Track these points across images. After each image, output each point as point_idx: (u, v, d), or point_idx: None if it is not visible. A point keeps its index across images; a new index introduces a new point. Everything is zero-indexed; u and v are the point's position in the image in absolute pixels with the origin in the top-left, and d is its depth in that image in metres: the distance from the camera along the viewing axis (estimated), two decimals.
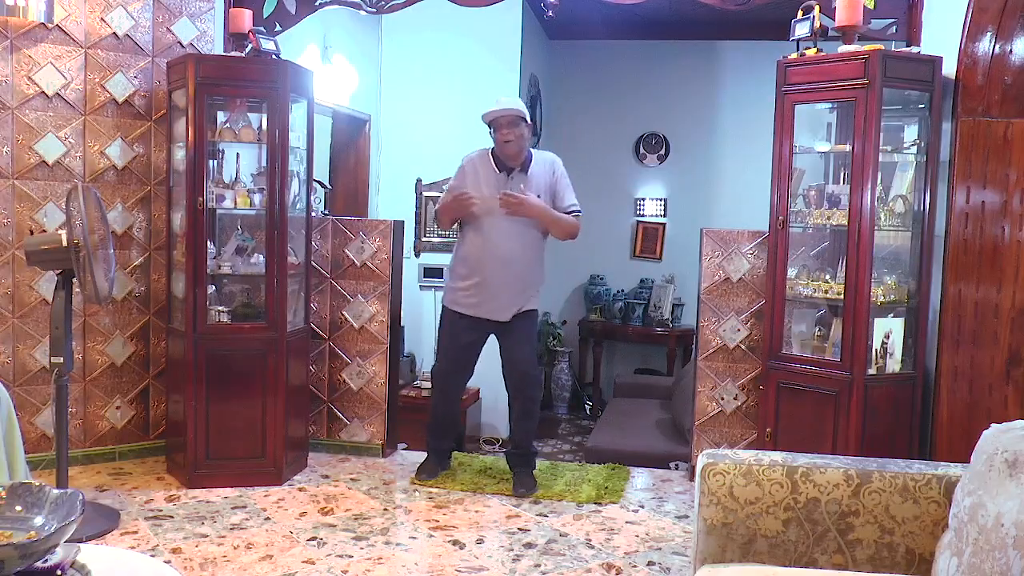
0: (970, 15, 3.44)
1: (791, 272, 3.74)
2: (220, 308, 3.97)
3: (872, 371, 3.49)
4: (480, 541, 3.38)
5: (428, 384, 5.61)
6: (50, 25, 3.87)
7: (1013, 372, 3.49)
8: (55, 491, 1.73)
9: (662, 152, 7.42)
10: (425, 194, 6.08)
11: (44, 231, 3.77)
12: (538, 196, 3.84)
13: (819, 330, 3.78)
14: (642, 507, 3.84)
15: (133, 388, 4.27)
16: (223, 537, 3.32)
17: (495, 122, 3.86)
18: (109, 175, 4.11)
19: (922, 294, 3.57)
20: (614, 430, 5.10)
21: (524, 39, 6.13)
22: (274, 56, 3.96)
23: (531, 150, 3.96)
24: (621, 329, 7.22)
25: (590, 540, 3.42)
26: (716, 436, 4.19)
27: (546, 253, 3.88)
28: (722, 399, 4.17)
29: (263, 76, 3.87)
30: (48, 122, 3.93)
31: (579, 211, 3.96)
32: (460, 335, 3.99)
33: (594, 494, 3.94)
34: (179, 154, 3.98)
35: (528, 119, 3.88)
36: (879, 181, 3.48)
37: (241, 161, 4.12)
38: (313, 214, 4.27)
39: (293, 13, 4.35)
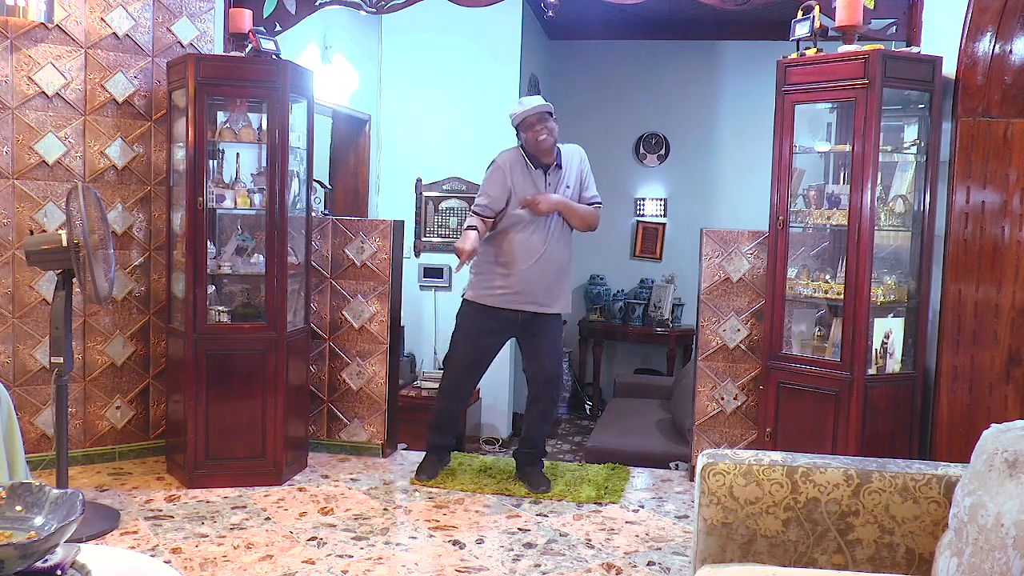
0: (970, 15, 3.44)
1: (791, 272, 3.74)
2: (220, 308, 3.97)
3: (872, 371, 3.49)
4: (480, 541, 3.38)
5: (428, 384, 5.64)
6: (50, 25, 3.87)
7: (1013, 372, 3.49)
8: (55, 491, 1.73)
9: (662, 152, 7.42)
10: (425, 194, 6.08)
11: (44, 231, 3.77)
12: (568, 187, 3.93)
13: (819, 330, 3.78)
14: (642, 507, 3.84)
15: (133, 388, 4.27)
16: (223, 537, 3.32)
17: (524, 122, 3.86)
18: (109, 175, 4.11)
19: (922, 294, 3.57)
20: (614, 430, 5.10)
21: (524, 39, 6.14)
22: (274, 56, 3.95)
23: (559, 147, 4.00)
24: (621, 329, 7.23)
25: (590, 540, 3.42)
26: (716, 436, 4.19)
27: None
28: (722, 399, 4.17)
29: (263, 76, 3.87)
30: (48, 122, 3.93)
31: (600, 203, 4.05)
32: (484, 335, 3.98)
33: (594, 494, 3.94)
34: (179, 154, 3.98)
35: (553, 113, 3.90)
36: (879, 181, 3.48)
37: (241, 161, 4.12)
38: (313, 214, 4.27)
39: (293, 13, 4.35)
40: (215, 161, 3.99)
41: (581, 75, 7.44)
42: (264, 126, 3.96)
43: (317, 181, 4.41)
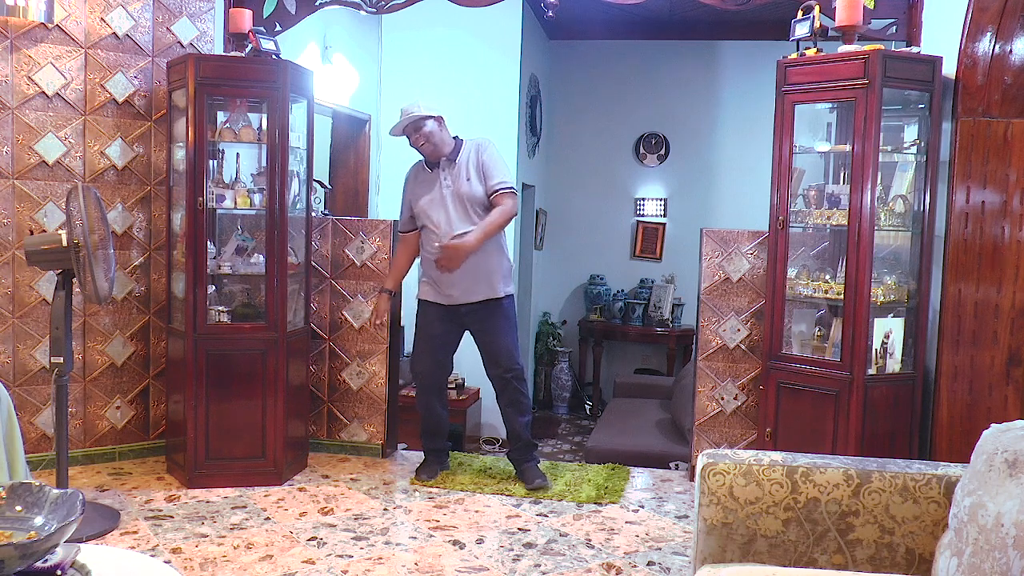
0: (970, 15, 3.43)
1: (791, 272, 3.74)
2: (220, 308, 3.97)
3: (872, 371, 3.49)
4: (480, 541, 3.38)
5: None
6: (50, 25, 3.87)
7: (1013, 372, 3.49)
8: (55, 491, 1.73)
9: (662, 152, 7.43)
10: None
11: (44, 231, 3.78)
12: (468, 179, 3.91)
13: (819, 330, 3.78)
14: (642, 507, 3.84)
15: (133, 388, 4.27)
16: (223, 537, 3.32)
17: (404, 132, 3.93)
18: (109, 175, 4.11)
19: (922, 294, 3.57)
20: (614, 430, 5.10)
21: (524, 39, 6.14)
22: (274, 56, 3.95)
23: (462, 140, 3.99)
24: (621, 329, 7.23)
25: (590, 540, 3.42)
26: (716, 436, 4.19)
27: (546, 252, 3.92)
28: (722, 399, 4.17)
29: (263, 76, 3.87)
30: (48, 122, 3.93)
31: (507, 188, 3.91)
32: (432, 324, 4.04)
33: (594, 494, 3.94)
34: (179, 154, 3.98)
35: (432, 115, 3.88)
36: (879, 181, 3.48)
37: (241, 161, 4.12)
38: (313, 214, 4.27)
39: (293, 13, 4.35)
40: (215, 161, 3.99)
41: (581, 75, 7.45)
42: (264, 126, 3.96)
43: (317, 181, 4.41)
